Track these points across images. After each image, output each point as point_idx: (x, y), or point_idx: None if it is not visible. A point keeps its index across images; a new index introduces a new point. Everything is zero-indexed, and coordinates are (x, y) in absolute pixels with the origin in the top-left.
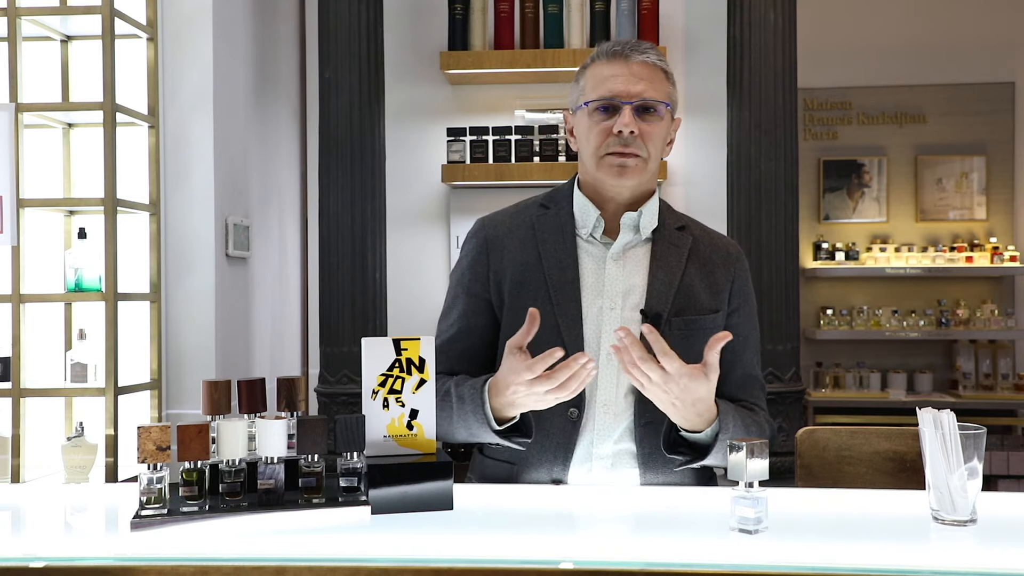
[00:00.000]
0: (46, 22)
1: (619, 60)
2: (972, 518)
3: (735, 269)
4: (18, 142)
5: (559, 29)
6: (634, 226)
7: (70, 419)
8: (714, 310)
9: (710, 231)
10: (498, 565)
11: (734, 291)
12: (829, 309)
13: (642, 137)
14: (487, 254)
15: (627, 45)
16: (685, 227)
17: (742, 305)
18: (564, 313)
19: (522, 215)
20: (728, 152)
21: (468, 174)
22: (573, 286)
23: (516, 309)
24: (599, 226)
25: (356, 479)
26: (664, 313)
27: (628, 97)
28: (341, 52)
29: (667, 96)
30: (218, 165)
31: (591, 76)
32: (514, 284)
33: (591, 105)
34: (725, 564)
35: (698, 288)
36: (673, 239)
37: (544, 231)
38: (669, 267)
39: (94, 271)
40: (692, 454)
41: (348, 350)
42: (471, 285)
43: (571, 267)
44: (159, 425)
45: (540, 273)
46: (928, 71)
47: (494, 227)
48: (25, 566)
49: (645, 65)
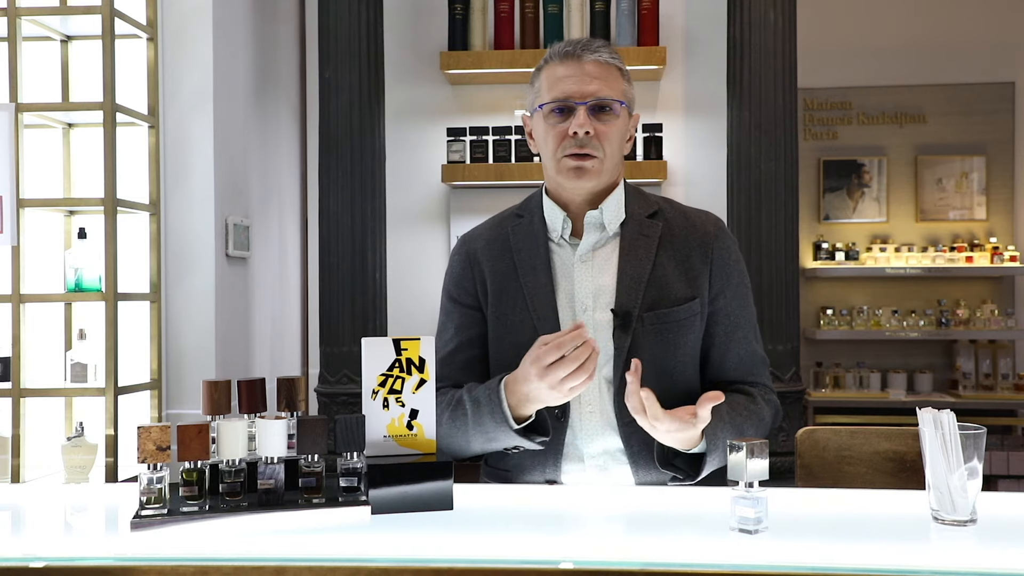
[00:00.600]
0: (46, 22)
1: (571, 60)
2: (972, 518)
3: (713, 248)
4: (18, 142)
5: (559, 29)
6: (598, 224)
7: (70, 419)
8: (690, 298)
9: (687, 211)
10: (498, 565)
11: (714, 272)
12: (829, 309)
13: (598, 137)
14: (470, 267)
15: (579, 45)
16: (657, 212)
17: (726, 285)
18: (541, 319)
19: (499, 227)
20: (728, 152)
21: (468, 174)
22: (547, 291)
23: (498, 319)
24: (567, 227)
25: (356, 479)
26: (634, 310)
27: (582, 97)
28: (341, 52)
29: (622, 94)
30: (218, 165)
31: (545, 78)
32: (494, 295)
33: (546, 108)
34: (725, 564)
35: (671, 277)
36: (643, 229)
37: (518, 240)
38: (638, 260)
39: (94, 271)
40: (686, 467)
41: (348, 350)
42: (461, 297)
43: (544, 272)
44: (159, 425)
45: (516, 281)
46: (928, 71)
47: (473, 242)
48: (25, 566)
49: (598, 64)
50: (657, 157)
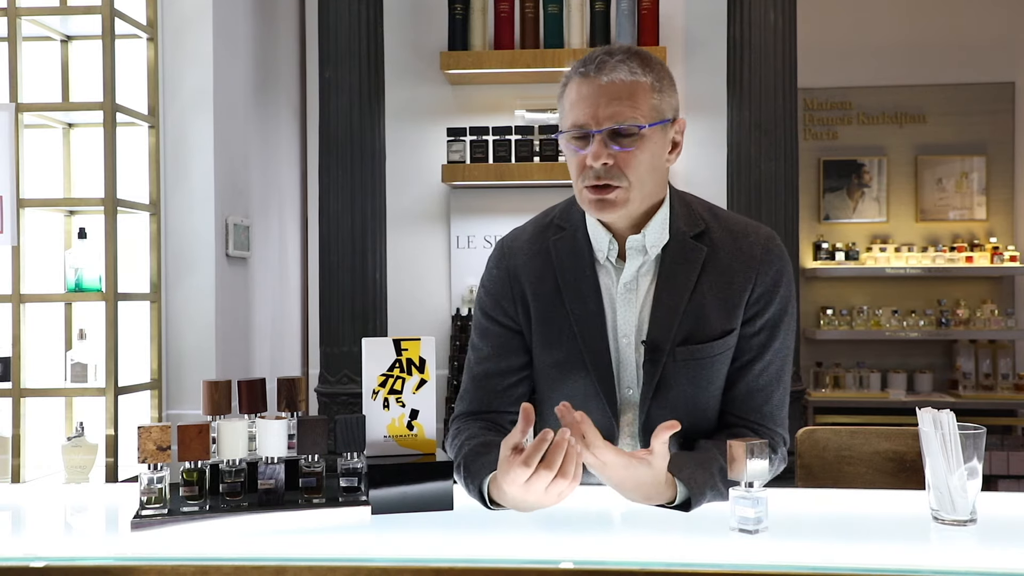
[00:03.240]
0: (46, 22)
1: (588, 80)
2: (972, 518)
3: (758, 272)
4: (18, 142)
5: (559, 29)
6: (641, 247)
7: (70, 419)
8: (727, 331)
9: (736, 229)
10: (498, 565)
11: (753, 298)
12: (829, 309)
13: (618, 166)
14: (510, 286)
15: (596, 62)
16: (704, 232)
17: (761, 311)
18: (591, 351)
19: (540, 239)
20: (728, 152)
21: (468, 174)
22: (597, 319)
23: (544, 347)
24: (613, 249)
25: (356, 479)
26: (666, 344)
27: (597, 124)
28: (341, 52)
29: (649, 112)
30: (218, 165)
31: (566, 99)
32: (538, 321)
33: (564, 135)
34: (725, 564)
35: (709, 307)
36: (686, 252)
37: (562, 257)
38: (676, 288)
39: (94, 271)
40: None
41: (348, 350)
42: (499, 317)
43: (592, 299)
44: (159, 425)
45: (562, 308)
46: (928, 71)
47: (514, 256)
48: (26, 566)
49: (614, 84)
50: None
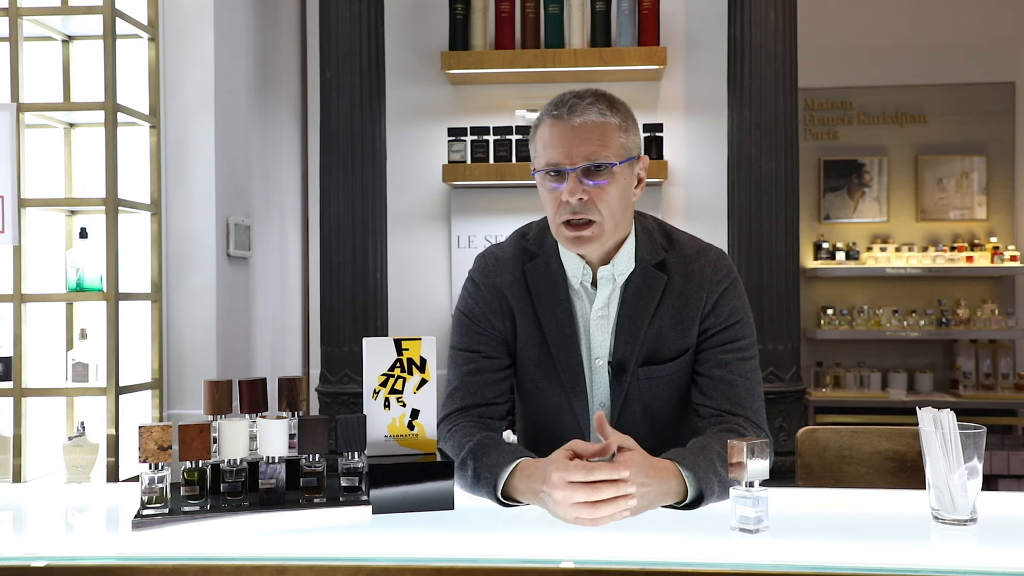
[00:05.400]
0: (47, 22)
1: (560, 123)
2: (972, 518)
3: (708, 291)
4: (19, 142)
5: (560, 29)
6: (611, 276)
7: (71, 419)
8: (683, 351)
9: (690, 256)
10: (498, 565)
11: (705, 312)
12: (829, 309)
13: (593, 201)
14: (497, 301)
15: (567, 105)
16: (664, 262)
17: (715, 322)
18: (566, 368)
19: (516, 263)
20: (728, 152)
21: (469, 174)
22: (571, 341)
23: (522, 363)
24: (587, 276)
25: (357, 479)
26: (629, 365)
27: (571, 163)
28: (342, 52)
29: (618, 151)
30: (219, 165)
31: (539, 140)
32: (522, 339)
33: (540, 173)
34: (725, 564)
35: (667, 331)
36: (648, 280)
37: (536, 283)
38: (638, 314)
39: (95, 271)
40: None
41: (349, 350)
42: (488, 330)
43: (568, 323)
44: (160, 425)
45: (539, 329)
46: (928, 71)
47: (500, 275)
48: (27, 565)
49: (586, 125)
50: (658, 157)
